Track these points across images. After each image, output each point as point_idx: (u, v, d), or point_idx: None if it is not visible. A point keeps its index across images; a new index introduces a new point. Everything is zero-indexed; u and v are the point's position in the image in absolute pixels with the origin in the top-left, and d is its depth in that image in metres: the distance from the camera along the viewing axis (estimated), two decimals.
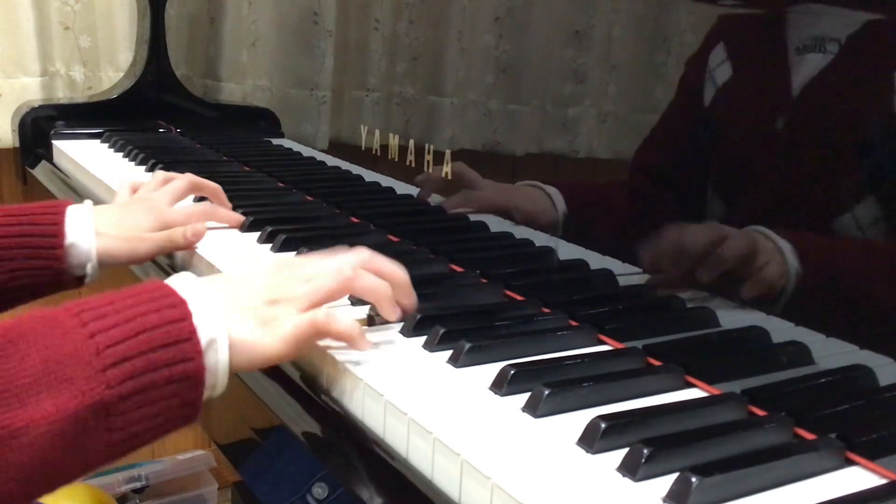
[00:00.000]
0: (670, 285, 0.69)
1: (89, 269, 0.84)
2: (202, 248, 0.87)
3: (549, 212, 0.82)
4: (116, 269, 0.90)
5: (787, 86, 0.60)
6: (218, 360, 0.55)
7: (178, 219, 0.90)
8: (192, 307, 0.55)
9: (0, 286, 0.81)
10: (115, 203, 0.95)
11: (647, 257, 0.71)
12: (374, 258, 0.65)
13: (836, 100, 0.59)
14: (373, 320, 0.68)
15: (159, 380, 0.52)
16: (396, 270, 0.66)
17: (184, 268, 0.90)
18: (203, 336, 0.54)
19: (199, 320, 0.54)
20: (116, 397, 0.50)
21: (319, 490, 0.67)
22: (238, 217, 0.97)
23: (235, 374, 0.60)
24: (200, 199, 1.01)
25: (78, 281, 0.85)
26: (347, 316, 0.62)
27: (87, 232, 0.83)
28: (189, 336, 0.54)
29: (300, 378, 0.64)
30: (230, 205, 0.99)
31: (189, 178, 0.97)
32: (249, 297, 0.60)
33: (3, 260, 0.81)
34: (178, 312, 0.54)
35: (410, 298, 0.67)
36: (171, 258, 0.92)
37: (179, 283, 0.57)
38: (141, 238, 0.86)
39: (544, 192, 0.83)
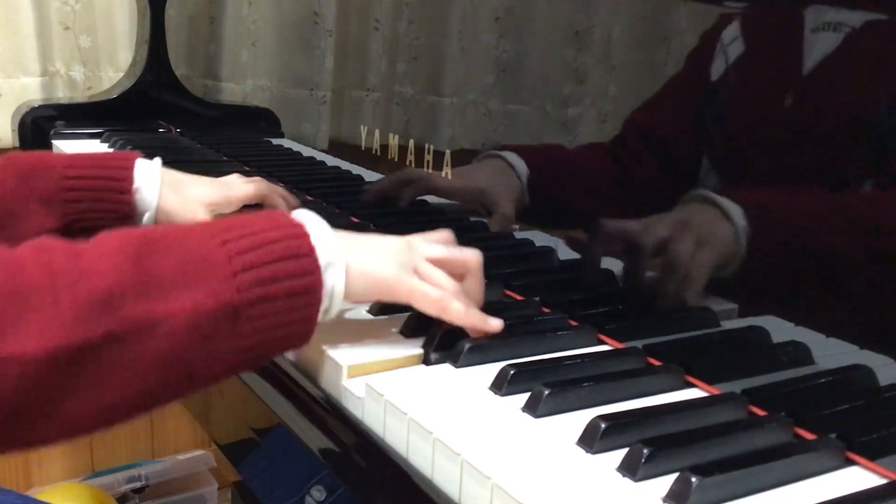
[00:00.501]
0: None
1: (146, 218, 0.89)
2: None
3: (511, 180, 0.83)
4: None
5: (798, 66, 0.60)
6: (334, 284, 0.59)
7: (241, 196, 0.95)
8: (309, 229, 0.59)
9: (66, 226, 0.86)
10: (184, 175, 0.96)
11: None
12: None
13: (843, 82, 0.59)
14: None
15: (282, 291, 0.55)
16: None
17: None
18: (321, 258, 0.58)
19: (316, 241, 0.58)
20: (245, 302, 0.54)
21: (317, 493, 0.67)
22: (295, 204, 0.98)
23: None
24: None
25: None
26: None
27: (153, 183, 0.88)
28: (309, 252, 0.57)
29: (300, 378, 0.64)
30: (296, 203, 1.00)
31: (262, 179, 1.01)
32: (367, 241, 0.64)
33: (74, 201, 0.86)
34: (299, 231, 0.58)
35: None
36: None
37: (296, 213, 0.61)
38: (200, 213, 0.91)
39: (504, 160, 0.83)
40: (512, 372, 0.57)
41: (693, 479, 0.45)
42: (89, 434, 0.52)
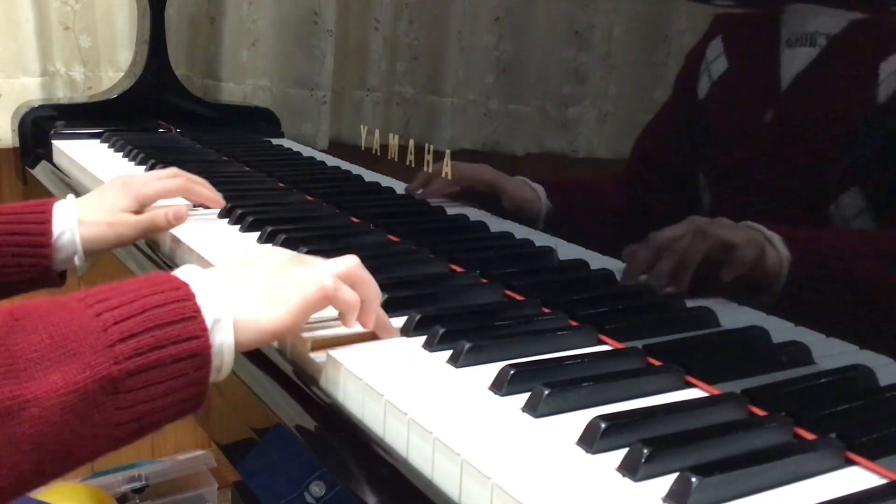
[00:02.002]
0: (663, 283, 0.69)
1: (77, 260, 0.87)
2: (201, 249, 0.87)
3: (534, 203, 0.83)
4: (112, 269, 0.91)
5: (778, 80, 0.60)
6: (223, 341, 0.56)
7: (152, 194, 0.93)
8: (194, 289, 0.55)
9: None
10: (97, 189, 0.95)
11: (638, 260, 0.71)
12: (360, 271, 0.64)
13: (824, 93, 0.59)
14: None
15: (166, 357, 0.52)
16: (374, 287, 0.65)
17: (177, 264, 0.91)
18: (208, 316, 0.55)
19: (202, 300, 0.55)
20: (124, 373, 0.51)
21: (317, 489, 0.67)
22: (218, 199, 0.98)
23: (235, 374, 0.60)
24: None
25: (62, 278, 0.89)
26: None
27: (71, 225, 0.86)
28: (194, 314, 0.54)
29: (300, 377, 0.64)
30: (220, 201, 1.00)
31: (174, 168, 1.00)
32: (253, 276, 0.60)
33: None
34: (182, 293, 0.55)
35: (371, 321, 0.65)
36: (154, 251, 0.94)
37: (181, 271, 0.58)
38: (124, 222, 0.89)
39: (530, 187, 0.83)
40: (512, 372, 0.57)
41: (693, 479, 0.45)
42: None
